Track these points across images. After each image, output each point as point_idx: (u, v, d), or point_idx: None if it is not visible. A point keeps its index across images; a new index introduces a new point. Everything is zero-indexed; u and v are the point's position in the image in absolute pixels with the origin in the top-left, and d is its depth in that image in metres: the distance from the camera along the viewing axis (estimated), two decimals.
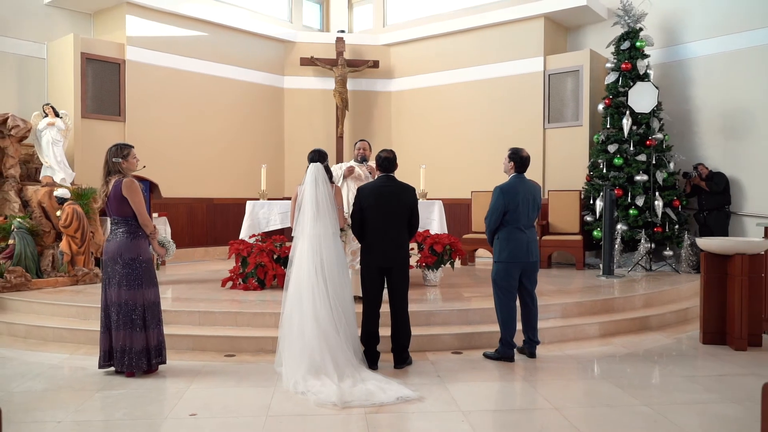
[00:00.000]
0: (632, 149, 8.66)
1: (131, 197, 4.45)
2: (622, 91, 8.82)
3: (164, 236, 4.91)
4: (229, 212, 10.41)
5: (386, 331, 4.72)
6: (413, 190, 4.75)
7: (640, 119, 8.67)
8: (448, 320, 5.55)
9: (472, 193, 9.60)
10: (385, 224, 4.59)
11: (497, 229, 4.88)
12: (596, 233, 8.73)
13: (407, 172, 9.53)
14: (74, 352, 5.14)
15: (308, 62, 11.17)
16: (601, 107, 9.08)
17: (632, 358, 5.03)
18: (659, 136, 8.68)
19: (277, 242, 6.81)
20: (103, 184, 4.55)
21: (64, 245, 7.36)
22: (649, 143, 8.58)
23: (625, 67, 8.78)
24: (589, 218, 8.96)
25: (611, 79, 8.96)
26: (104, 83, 9.15)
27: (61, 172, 8.22)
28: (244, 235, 7.25)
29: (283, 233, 7.67)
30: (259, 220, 7.34)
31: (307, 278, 4.48)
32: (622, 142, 8.76)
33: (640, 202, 8.51)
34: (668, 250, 8.57)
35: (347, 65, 11.12)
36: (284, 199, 10.02)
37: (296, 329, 4.40)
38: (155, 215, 8.79)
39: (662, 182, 8.54)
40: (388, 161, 4.73)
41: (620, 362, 4.90)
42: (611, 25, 9.24)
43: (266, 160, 10.19)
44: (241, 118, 10.83)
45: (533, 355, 4.93)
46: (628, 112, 8.66)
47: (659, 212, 8.43)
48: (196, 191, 10.16)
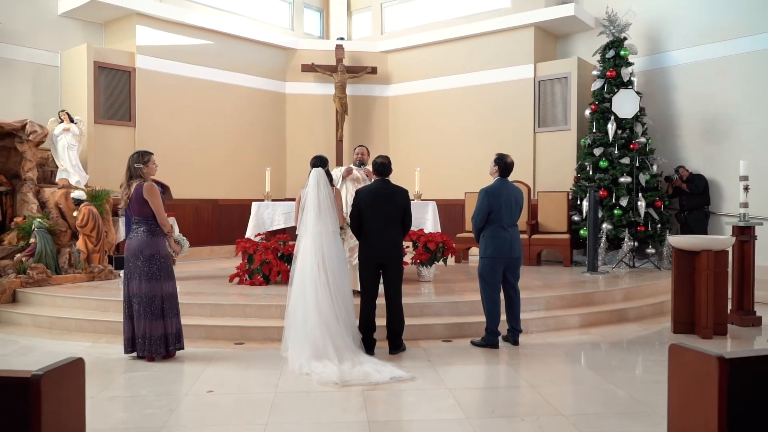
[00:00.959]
0: (617, 152, 9.13)
1: (151, 199, 4.92)
2: (607, 97, 9.28)
3: (179, 234, 5.40)
4: (233, 212, 10.87)
5: (382, 321, 5.19)
6: (406, 192, 5.23)
7: (624, 124, 9.14)
8: (439, 312, 6.02)
9: (465, 194, 10.06)
10: (380, 223, 5.06)
11: (483, 227, 5.35)
12: (583, 232, 9.20)
13: (404, 173, 10.01)
14: (96, 341, 5.60)
15: (309, 68, 11.63)
16: (587, 112, 9.54)
17: (607, 345, 5.50)
18: (642, 140, 9.14)
19: (280, 241, 7.27)
20: (125, 187, 5.01)
21: (80, 244, 7.83)
22: (632, 147, 9.05)
23: (610, 74, 9.25)
24: (576, 218, 9.43)
25: (597, 85, 9.43)
26: (115, 90, 9.61)
27: (75, 174, 8.69)
28: (250, 233, 7.71)
29: (285, 232, 8.15)
30: (263, 219, 7.80)
31: (310, 272, 4.94)
32: (607, 145, 9.22)
33: (624, 202, 8.98)
34: (651, 248, 9.03)
35: (346, 71, 11.58)
36: (287, 200, 10.48)
37: (300, 318, 4.86)
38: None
39: (645, 184, 9.00)
40: (383, 166, 5.21)
41: (596, 349, 5.37)
42: (597, 34, 9.71)
43: (269, 162, 10.66)
44: (244, 122, 11.30)
45: (516, 342, 5.40)
46: (612, 117, 9.12)
47: (642, 212, 8.89)
48: (202, 192, 10.61)
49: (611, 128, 9.10)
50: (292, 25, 12.32)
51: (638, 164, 9.05)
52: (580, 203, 9.33)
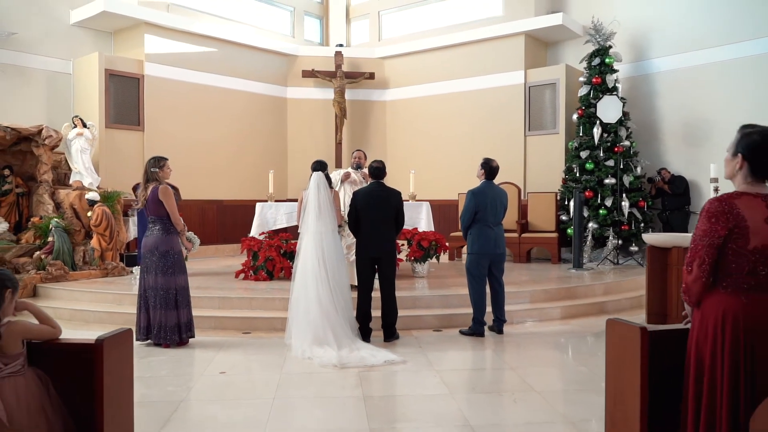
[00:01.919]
0: (602, 155, 9.61)
1: (166, 201, 5.39)
2: (593, 102, 9.77)
3: (191, 233, 5.88)
4: (237, 212, 11.34)
5: (378, 312, 5.65)
6: (399, 194, 5.71)
7: (609, 128, 9.63)
8: (431, 304, 6.51)
9: (458, 194, 10.52)
10: (375, 222, 5.53)
11: (470, 226, 5.83)
12: (570, 231, 9.67)
13: (400, 174, 10.52)
14: None
15: (309, 74, 12.11)
16: (575, 117, 10.03)
17: (585, 334, 5.98)
18: (626, 143, 9.62)
19: (283, 239, 7.75)
20: (142, 189, 5.49)
21: (94, 242, 8.31)
22: (617, 150, 9.54)
23: (595, 81, 9.74)
24: (564, 217, 9.91)
25: (584, 91, 9.91)
26: (125, 96, 10.09)
27: (88, 177, 9.17)
28: (254, 232, 8.19)
29: (287, 231, 8.62)
30: (267, 219, 8.28)
31: (311, 267, 5.42)
32: (593, 148, 9.71)
33: (609, 202, 9.46)
34: (634, 246, 9.51)
35: (345, 77, 12.06)
36: (288, 200, 10.96)
37: (302, 309, 5.34)
38: None
39: (629, 185, 9.49)
40: (378, 170, 5.69)
41: (573, 337, 5.85)
42: (584, 42, 10.19)
43: (271, 164, 11.14)
44: (247, 126, 11.78)
45: (501, 331, 5.87)
46: (598, 121, 9.61)
47: (626, 212, 9.38)
48: (207, 193, 11.08)
49: (597, 132, 9.58)
50: (293, 32, 12.80)
51: (622, 166, 9.53)
52: (567, 203, 9.81)
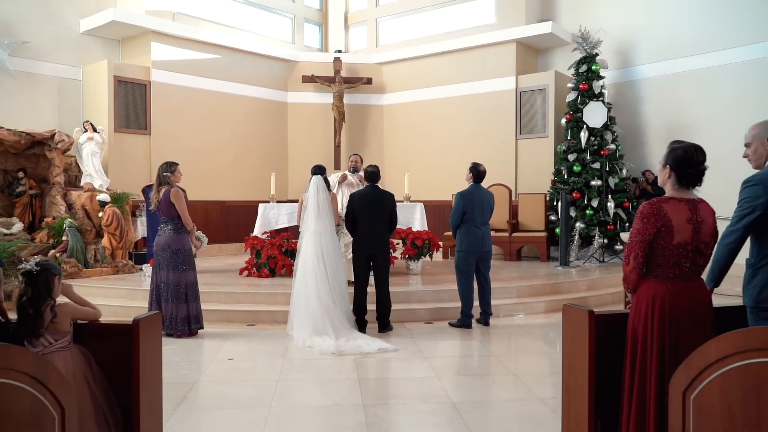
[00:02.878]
0: (589, 158, 10.06)
1: (177, 203, 5.84)
2: (580, 107, 10.21)
3: (199, 232, 6.33)
4: (239, 213, 11.79)
5: (373, 306, 6.10)
6: (392, 196, 6.17)
7: (595, 132, 10.08)
8: (423, 298, 6.96)
9: (452, 195, 10.93)
10: (371, 222, 5.99)
11: (459, 225, 6.28)
12: (558, 230, 10.12)
13: (396, 176, 10.96)
14: None
15: (309, 79, 12.56)
16: (563, 121, 10.48)
17: None
18: (612, 146, 10.07)
19: (284, 238, 8.20)
20: (155, 192, 5.94)
21: (105, 241, 8.76)
22: (603, 153, 9.99)
23: (582, 87, 10.19)
24: (553, 217, 10.36)
25: (571, 97, 10.36)
26: (133, 102, 10.54)
27: (98, 179, 9.62)
28: (257, 232, 8.64)
29: (288, 231, 9.07)
30: (269, 219, 8.73)
31: (311, 264, 5.88)
32: (580, 151, 10.16)
33: (595, 203, 9.92)
34: (619, 244, 9.96)
35: (344, 82, 12.51)
36: (289, 201, 11.40)
37: (303, 302, 5.80)
38: None
39: (614, 186, 9.94)
40: (373, 174, 6.15)
41: (554, 329, 6.29)
42: (572, 49, 10.64)
43: (272, 166, 11.59)
44: (250, 129, 12.23)
45: (487, 323, 6.32)
46: (585, 126, 10.06)
47: (611, 212, 9.83)
48: (210, 194, 11.52)
49: (584, 136, 10.03)
50: (293, 39, 13.26)
51: (608, 169, 9.98)
52: (556, 204, 10.25)
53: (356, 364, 4.89)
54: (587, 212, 9.97)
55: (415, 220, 8.82)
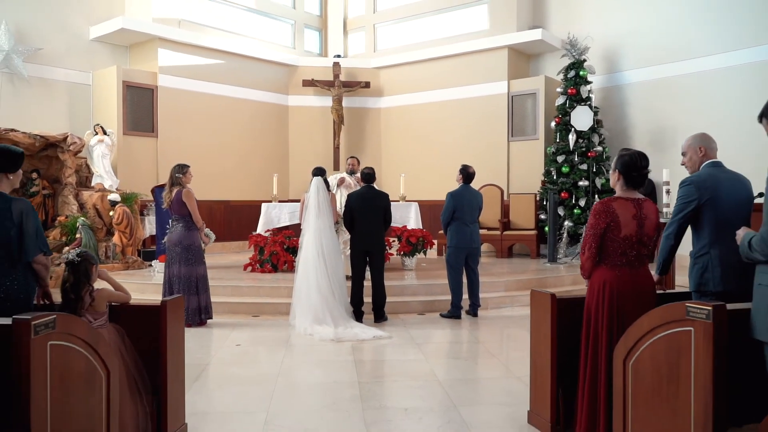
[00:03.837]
0: (577, 159, 10.53)
1: (188, 202, 6.31)
2: (568, 111, 10.68)
3: (208, 229, 6.80)
4: (243, 212, 12.25)
5: (369, 298, 6.57)
6: (387, 195, 6.65)
7: (583, 135, 10.55)
8: (416, 292, 7.44)
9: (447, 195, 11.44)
10: (367, 219, 6.46)
11: (449, 223, 6.75)
12: (548, 229, 10.60)
13: (393, 176, 11.41)
14: None
15: (309, 83, 13.03)
16: (553, 124, 10.95)
17: None
18: (599, 148, 10.54)
19: (286, 236, 8.66)
20: (167, 192, 6.40)
21: (116, 239, 9.22)
22: (590, 155, 10.45)
23: (571, 91, 10.65)
24: (543, 216, 10.82)
25: (560, 101, 10.83)
26: (140, 106, 11.00)
27: (108, 179, 10.09)
28: (260, 230, 9.11)
29: (289, 228, 9.53)
30: (272, 218, 9.20)
31: (312, 259, 6.35)
32: (568, 153, 10.62)
33: (582, 203, 10.39)
34: None
35: (343, 86, 12.98)
36: (290, 201, 11.85)
37: (304, 295, 6.26)
38: None
39: (601, 187, 10.41)
40: (369, 175, 6.63)
41: None
42: (561, 55, 11.11)
43: (274, 167, 12.06)
44: (252, 132, 12.70)
45: (476, 314, 6.79)
46: (573, 129, 10.53)
47: None
48: (215, 194, 11.97)
49: (572, 138, 10.50)
50: (294, 44, 13.73)
51: (595, 170, 10.45)
52: (546, 204, 10.72)
53: (353, 348, 5.36)
54: (575, 211, 10.43)
55: (410, 218, 9.29)
